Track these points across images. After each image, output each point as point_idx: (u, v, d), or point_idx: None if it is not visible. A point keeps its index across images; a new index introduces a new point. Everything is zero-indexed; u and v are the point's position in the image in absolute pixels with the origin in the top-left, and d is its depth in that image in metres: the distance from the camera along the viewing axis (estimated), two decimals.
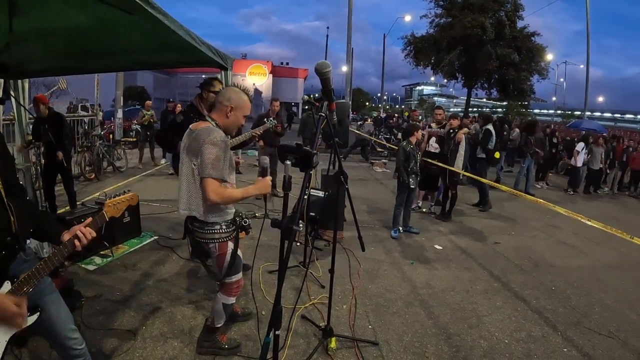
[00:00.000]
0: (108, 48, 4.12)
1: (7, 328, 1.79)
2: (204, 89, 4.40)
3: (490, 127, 8.94)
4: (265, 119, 5.48)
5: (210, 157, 2.51)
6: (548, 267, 5.48)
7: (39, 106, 5.93)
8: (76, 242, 1.92)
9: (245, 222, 2.89)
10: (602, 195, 12.29)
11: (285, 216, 2.08)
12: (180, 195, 2.73)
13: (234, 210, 2.86)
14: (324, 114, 2.28)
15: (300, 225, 1.97)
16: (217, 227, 2.72)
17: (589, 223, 4.70)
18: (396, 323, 3.74)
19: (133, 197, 2.19)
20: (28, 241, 2.07)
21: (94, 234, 1.97)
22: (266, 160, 2.94)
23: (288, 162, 2.14)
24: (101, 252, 4.72)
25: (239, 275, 2.94)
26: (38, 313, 1.93)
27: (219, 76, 4.77)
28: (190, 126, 2.77)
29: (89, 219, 2.00)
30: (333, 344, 3.20)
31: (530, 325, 3.87)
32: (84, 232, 1.94)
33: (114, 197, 2.09)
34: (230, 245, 2.80)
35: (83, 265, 4.44)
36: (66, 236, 1.95)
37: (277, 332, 1.99)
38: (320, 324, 3.47)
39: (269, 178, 2.75)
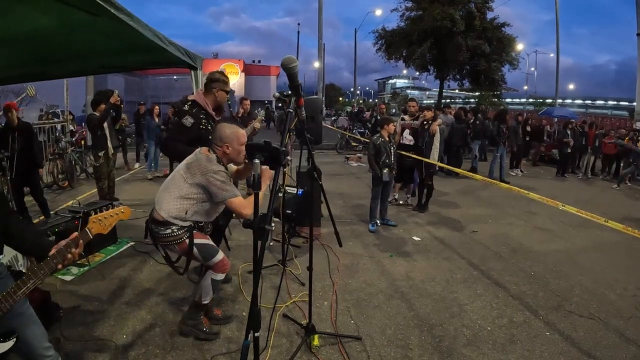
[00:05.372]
0: (73, 52, 4.03)
1: None
2: (213, 86, 3.84)
3: None
4: (256, 111, 5.39)
5: (218, 183, 2.80)
6: (526, 253, 5.57)
7: (11, 112, 5.68)
8: (69, 255, 1.84)
9: (200, 222, 3.05)
10: (577, 179, 12.57)
11: (257, 216, 2.04)
12: (160, 189, 2.99)
13: (198, 220, 3.03)
14: (292, 110, 2.25)
15: (273, 225, 1.93)
16: (173, 227, 2.90)
17: (562, 208, 4.77)
18: (378, 317, 3.75)
19: (125, 211, 2.00)
20: (1, 256, 2.00)
21: (76, 257, 1.90)
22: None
23: (257, 161, 2.09)
24: (77, 262, 4.59)
25: (220, 255, 3.10)
26: (15, 339, 1.86)
27: (223, 71, 4.36)
28: (201, 149, 3.00)
29: (73, 235, 1.88)
30: (316, 341, 3.19)
31: (512, 311, 3.92)
32: (73, 253, 1.87)
33: (99, 210, 1.92)
34: (187, 242, 2.95)
35: (59, 276, 4.31)
36: (53, 251, 1.87)
37: (256, 334, 1.96)
38: (302, 322, 3.45)
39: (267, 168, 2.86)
